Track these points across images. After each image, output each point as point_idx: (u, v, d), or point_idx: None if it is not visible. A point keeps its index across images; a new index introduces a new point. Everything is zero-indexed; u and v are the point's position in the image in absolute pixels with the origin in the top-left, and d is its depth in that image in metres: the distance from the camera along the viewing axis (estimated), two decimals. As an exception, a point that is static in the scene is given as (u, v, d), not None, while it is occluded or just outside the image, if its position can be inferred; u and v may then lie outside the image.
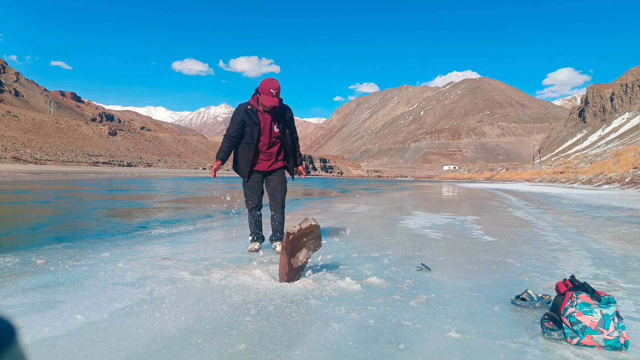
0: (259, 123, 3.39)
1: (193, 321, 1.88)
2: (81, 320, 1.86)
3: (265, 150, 3.52)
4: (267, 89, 3.23)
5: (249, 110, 3.38)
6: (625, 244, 4.42)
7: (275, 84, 3.25)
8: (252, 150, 3.45)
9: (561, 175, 37.23)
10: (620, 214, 7.96)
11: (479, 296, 2.38)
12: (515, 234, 5.18)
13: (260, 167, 3.57)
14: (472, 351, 1.63)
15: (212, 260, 3.17)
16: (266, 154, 3.54)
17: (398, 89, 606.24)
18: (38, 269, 2.82)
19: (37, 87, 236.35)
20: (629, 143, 69.64)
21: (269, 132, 3.45)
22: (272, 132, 3.46)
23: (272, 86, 3.23)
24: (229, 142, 3.46)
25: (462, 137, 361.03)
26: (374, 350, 1.63)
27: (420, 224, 6.06)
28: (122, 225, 5.62)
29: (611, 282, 2.76)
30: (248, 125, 3.39)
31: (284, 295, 2.30)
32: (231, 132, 3.43)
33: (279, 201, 3.62)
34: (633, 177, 21.98)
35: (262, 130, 3.42)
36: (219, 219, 6.70)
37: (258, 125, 3.38)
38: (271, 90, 3.22)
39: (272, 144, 3.52)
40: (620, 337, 1.66)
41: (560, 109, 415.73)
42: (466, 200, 13.37)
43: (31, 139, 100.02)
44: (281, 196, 3.62)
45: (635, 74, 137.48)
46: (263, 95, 3.24)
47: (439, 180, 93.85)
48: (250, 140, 3.42)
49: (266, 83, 3.25)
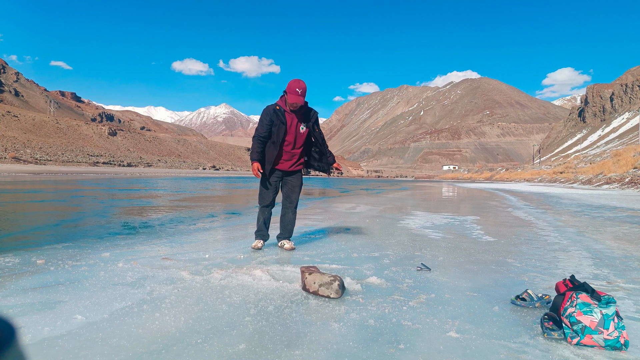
0: (286, 122, 3.51)
1: (193, 321, 1.88)
2: (81, 320, 1.86)
3: (290, 150, 3.61)
4: (293, 89, 3.40)
5: (277, 111, 3.50)
6: (625, 244, 4.42)
7: (301, 84, 3.41)
8: (276, 149, 3.54)
9: (561, 175, 37.24)
10: (620, 214, 7.96)
11: (479, 296, 2.38)
12: (515, 234, 5.18)
13: (282, 166, 3.66)
14: (472, 351, 1.64)
15: (212, 260, 3.17)
16: (289, 153, 3.63)
17: (398, 89, 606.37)
18: (38, 269, 2.82)
19: (37, 87, 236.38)
20: (628, 143, 69.66)
21: (295, 132, 3.57)
22: (298, 132, 3.58)
23: (298, 86, 3.40)
24: (259, 142, 3.55)
25: (462, 137, 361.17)
26: (374, 350, 1.63)
27: (420, 224, 6.06)
28: (132, 222, 5.62)
29: (611, 282, 2.76)
30: (275, 125, 3.50)
31: (284, 295, 2.30)
32: (261, 133, 3.53)
33: (293, 201, 3.76)
34: (633, 177, 21.98)
35: (289, 130, 3.54)
36: (220, 219, 6.70)
37: (285, 124, 3.50)
38: (297, 89, 3.39)
39: (296, 145, 3.62)
40: (620, 337, 1.67)
41: (560, 109, 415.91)
42: (466, 201, 13.37)
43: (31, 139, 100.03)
44: (296, 197, 3.77)
45: (635, 74, 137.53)
46: (289, 94, 3.40)
47: (439, 180, 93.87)
48: (276, 139, 3.51)
49: (293, 83, 3.42)
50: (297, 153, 3.67)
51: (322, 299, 2.25)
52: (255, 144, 3.57)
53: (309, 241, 4.23)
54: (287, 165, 3.67)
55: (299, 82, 3.43)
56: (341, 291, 2.29)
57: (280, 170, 3.69)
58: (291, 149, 3.61)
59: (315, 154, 3.79)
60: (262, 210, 3.77)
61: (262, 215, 3.75)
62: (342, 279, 2.37)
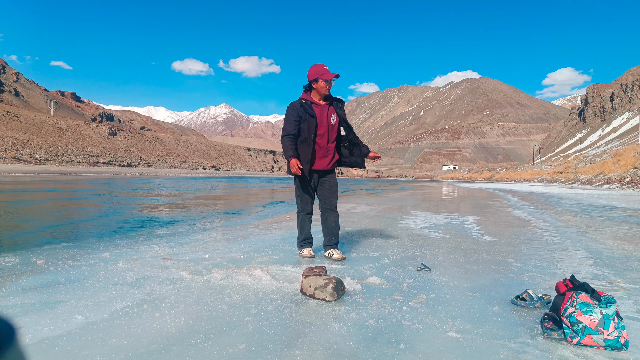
0: (316, 115, 3.18)
1: (193, 321, 1.88)
2: (81, 320, 1.86)
3: (325, 145, 3.26)
4: (320, 69, 3.13)
5: (303, 104, 3.18)
6: (625, 244, 4.42)
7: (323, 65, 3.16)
8: (310, 146, 3.17)
9: (561, 175, 37.24)
10: (620, 214, 7.96)
11: (479, 296, 2.38)
12: (516, 234, 5.18)
13: (318, 165, 3.29)
14: (472, 351, 1.63)
15: (212, 260, 3.17)
16: (324, 150, 3.27)
17: (398, 89, 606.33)
18: (38, 269, 2.82)
19: (37, 87, 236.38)
20: (628, 143, 69.66)
21: (327, 124, 3.23)
22: (330, 124, 3.25)
23: (321, 66, 3.15)
24: (290, 140, 3.18)
25: (462, 137, 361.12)
26: (374, 350, 1.63)
27: (420, 224, 6.06)
28: (132, 222, 5.62)
29: (611, 282, 2.76)
30: (304, 119, 3.16)
31: (284, 295, 2.30)
32: (290, 130, 3.17)
33: (333, 204, 3.36)
34: (633, 177, 21.98)
35: (320, 123, 3.21)
36: (220, 219, 6.70)
37: (315, 117, 3.16)
38: (324, 67, 3.13)
39: (330, 138, 3.28)
40: (620, 337, 1.66)
41: (560, 109, 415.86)
42: (466, 200, 13.37)
43: (31, 139, 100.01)
44: (335, 199, 3.38)
45: (635, 74, 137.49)
46: (322, 75, 3.11)
47: (439, 180, 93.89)
48: (308, 134, 3.16)
49: (316, 67, 3.15)
50: (331, 148, 3.30)
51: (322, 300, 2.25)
52: (286, 141, 3.19)
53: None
54: (323, 163, 3.29)
55: (319, 64, 3.17)
56: (337, 293, 2.25)
57: (316, 171, 3.30)
58: (325, 143, 3.25)
59: (344, 148, 3.39)
60: (303, 218, 3.41)
61: (304, 223, 3.41)
62: (339, 279, 2.35)
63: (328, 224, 3.35)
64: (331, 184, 3.35)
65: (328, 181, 3.34)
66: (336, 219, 3.37)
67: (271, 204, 10.69)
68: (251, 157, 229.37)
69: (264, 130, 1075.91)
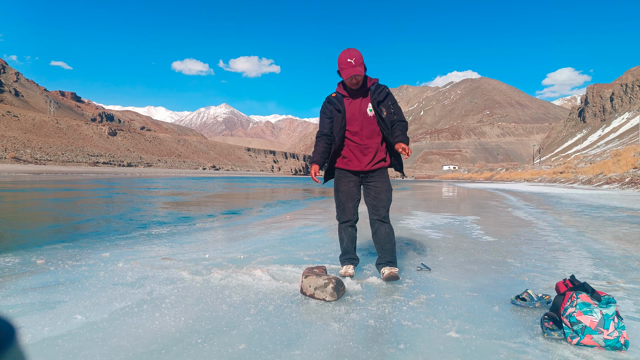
0: (343, 109, 2.74)
1: (193, 321, 1.88)
2: (81, 320, 1.86)
3: (360, 142, 2.76)
4: (344, 60, 2.61)
5: (333, 98, 2.78)
6: (625, 244, 4.42)
7: (352, 53, 2.61)
8: (336, 143, 2.78)
9: (561, 175, 37.24)
10: (620, 214, 7.96)
11: (479, 296, 2.38)
12: (516, 234, 5.17)
13: (354, 165, 2.79)
14: (472, 351, 1.63)
15: (212, 260, 3.17)
16: (360, 147, 2.76)
17: (398, 89, 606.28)
18: (38, 269, 2.82)
19: (37, 87, 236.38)
20: (628, 143, 69.66)
21: (361, 118, 2.73)
22: (365, 118, 2.73)
23: (348, 55, 2.61)
24: (322, 141, 2.82)
25: (462, 137, 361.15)
26: (374, 350, 1.63)
27: (420, 224, 6.06)
28: (132, 222, 5.62)
29: (611, 282, 2.76)
30: (333, 115, 2.79)
31: (284, 295, 2.30)
32: (322, 130, 2.83)
33: (380, 214, 2.77)
34: (633, 177, 21.98)
35: (351, 118, 2.75)
36: (220, 219, 6.70)
37: (342, 111, 2.73)
38: (348, 59, 2.59)
39: (366, 134, 2.75)
40: (620, 337, 1.66)
41: (560, 109, 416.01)
42: (466, 201, 13.37)
43: (31, 139, 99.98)
44: (384, 207, 2.78)
45: (635, 74, 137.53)
46: (342, 71, 2.64)
47: (439, 180, 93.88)
48: (336, 132, 2.77)
49: (341, 56, 2.64)
50: (372, 145, 2.76)
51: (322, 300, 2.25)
52: (316, 143, 2.87)
53: (309, 241, 4.23)
54: (362, 163, 2.78)
55: (349, 50, 2.63)
56: (337, 293, 2.26)
57: (354, 172, 2.82)
58: (361, 140, 2.76)
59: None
60: (342, 228, 2.90)
61: (344, 235, 2.88)
62: (339, 279, 2.35)
63: (377, 238, 2.81)
64: (377, 190, 2.78)
65: (373, 184, 2.80)
66: (388, 232, 2.78)
67: (271, 204, 10.70)
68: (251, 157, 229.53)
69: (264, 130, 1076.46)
